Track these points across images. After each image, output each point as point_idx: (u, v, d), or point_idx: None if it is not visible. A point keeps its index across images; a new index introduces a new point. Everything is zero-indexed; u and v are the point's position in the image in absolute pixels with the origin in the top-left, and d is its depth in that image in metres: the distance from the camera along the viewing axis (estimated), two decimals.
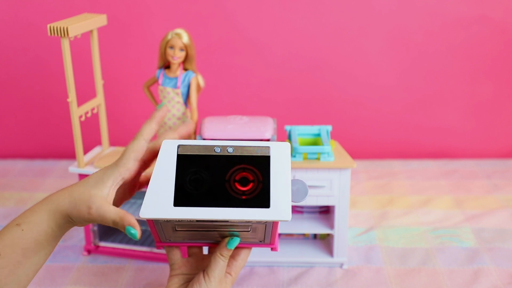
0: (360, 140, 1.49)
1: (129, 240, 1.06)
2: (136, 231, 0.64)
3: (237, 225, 0.66)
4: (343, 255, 0.99)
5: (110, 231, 1.08)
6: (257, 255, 1.00)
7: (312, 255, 1.01)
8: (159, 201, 0.63)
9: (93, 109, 1.03)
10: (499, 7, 1.36)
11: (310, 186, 0.94)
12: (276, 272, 0.99)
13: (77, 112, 0.96)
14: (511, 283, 0.94)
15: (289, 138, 1.00)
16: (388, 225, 1.14)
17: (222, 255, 0.71)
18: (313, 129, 1.01)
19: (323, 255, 1.01)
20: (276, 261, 1.00)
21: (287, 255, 1.01)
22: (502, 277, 0.95)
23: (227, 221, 0.64)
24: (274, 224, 0.66)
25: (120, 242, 1.05)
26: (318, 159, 0.94)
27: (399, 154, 1.51)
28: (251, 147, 0.66)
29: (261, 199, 0.63)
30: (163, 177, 0.65)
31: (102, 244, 1.05)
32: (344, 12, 1.37)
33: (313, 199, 0.96)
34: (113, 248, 1.04)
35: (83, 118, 0.99)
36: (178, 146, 0.67)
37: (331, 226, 0.99)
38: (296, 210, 1.04)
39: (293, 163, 0.93)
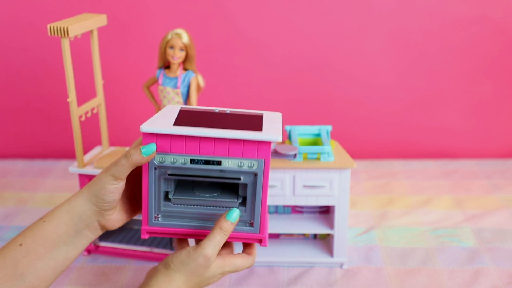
0: (360, 140, 1.49)
1: (129, 240, 1.06)
2: (152, 144, 0.67)
3: (229, 171, 0.68)
4: (343, 255, 0.99)
5: (110, 231, 1.08)
6: (257, 255, 1.00)
7: (312, 255, 1.01)
8: (160, 123, 0.69)
9: (93, 109, 1.03)
10: (499, 7, 1.36)
11: (310, 186, 0.94)
12: (276, 272, 0.99)
13: (77, 112, 0.96)
14: (511, 283, 0.94)
15: (289, 138, 1.00)
16: (388, 225, 1.14)
17: (221, 228, 0.69)
18: (313, 129, 1.01)
19: (323, 255, 1.01)
20: (276, 261, 1.00)
21: (287, 255, 1.01)
22: (502, 277, 0.95)
23: (219, 161, 0.68)
24: (265, 183, 0.68)
25: (120, 242, 1.05)
26: (318, 159, 0.94)
27: (399, 154, 1.51)
28: (246, 111, 0.75)
29: (255, 126, 0.69)
30: (165, 114, 0.72)
31: (102, 244, 1.05)
32: (344, 12, 1.37)
33: (313, 199, 0.96)
34: (113, 248, 1.04)
35: (83, 118, 0.99)
36: (181, 108, 0.75)
37: (331, 226, 0.99)
38: (296, 210, 1.04)
39: (293, 163, 0.93)
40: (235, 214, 0.69)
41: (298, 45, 1.41)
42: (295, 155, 0.70)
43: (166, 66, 1.02)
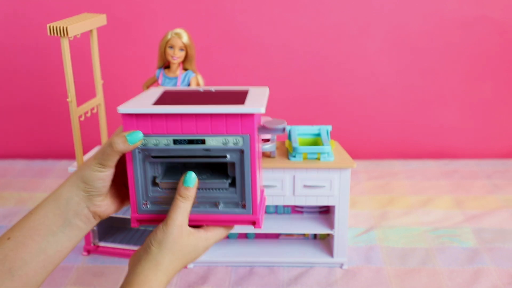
0: (360, 140, 1.49)
1: (129, 240, 1.06)
2: (136, 131, 0.65)
3: (214, 149, 0.67)
4: (343, 255, 0.99)
5: (110, 231, 1.08)
6: (257, 255, 1.00)
7: (312, 255, 1.01)
8: (139, 103, 0.67)
9: (92, 109, 1.03)
10: (499, 7, 1.36)
11: (310, 186, 0.94)
12: (276, 272, 0.99)
13: (76, 112, 0.96)
14: (511, 283, 0.94)
15: (289, 138, 1.00)
16: (388, 225, 1.14)
17: (180, 195, 0.66)
18: (313, 129, 1.01)
19: (323, 255, 1.01)
20: (276, 261, 1.00)
21: (287, 255, 1.01)
22: (502, 277, 0.95)
23: (203, 140, 0.66)
24: (252, 160, 0.67)
25: (120, 242, 1.05)
26: (318, 159, 0.94)
27: (399, 154, 1.51)
28: (232, 88, 0.73)
29: (238, 100, 0.67)
30: (147, 95, 0.70)
31: (102, 244, 1.05)
32: (344, 11, 1.37)
33: (313, 199, 0.95)
34: (113, 248, 1.04)
35: (82, 118, 0.99)
36: (164, 89, 0.73)
37: (331, 226, 0.99)
38: (296, 210, 1.04)
39: (293, 163, 0.93)
40: (192, 177, 0.67)
41: (298, 45, 1.40)
42: (283, 129, 0.68)
43: (166, 66, 1.01)
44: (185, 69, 1.01)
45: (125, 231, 1.09)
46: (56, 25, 0.89)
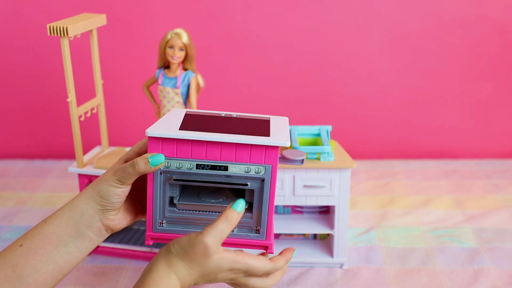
0: (360, 140, 1.49)
1: (129, 240, 1.06)
2: (159, 154, 0.66)
3: (236, 176, 0.68)
4: (343, 255, 0.99)
5: None
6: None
7: (312, 255, 1.01)
8: (166, 127, 0.68)
9: (92, 109, 1.03)
10: (499, 7, 1.36)
11: (310, 186, 0.94)
12: None
13: (76, 112, 0.96)
14: (511, 283, 0.94)
15: None
16: (388, 225, 1.14)
17: (226, 217, 0.66)
18: (313, 129, 1.01)
19: (323, 255, 1.01)
20: None
21: None
22: (502, 277, 0.95)
23: (226, 166, 0.67)
24: (272, 189, 0.68)
25: (120, 242, 1.05)
26: (318, 159, 0.94)
27: (399, 154, 1.51)
28: (253, 115, 0.74)
29: (262, 131, 0.69)
30: (170, 118, 0.71)
31: (102, 244, 1.05)
32: (344, 11, 1.37)
33: (313, 199, 0.95)
34: (113, 248, 1.04)
35: (82, 118, 0.99)
36: (186, 112, 0.74)
37: (331, 226, 0.99)
38: (296, 210, 1.04)
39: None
40: (241, 204, 0.67)
41: (298, 45, 1.40)
42: (302, 161, 0.70)
43: (166, 66, 1.01)
44: (185, 69, 1.01)
45: (125, 231, 1.09)
46: (56, 25, 0.89)
